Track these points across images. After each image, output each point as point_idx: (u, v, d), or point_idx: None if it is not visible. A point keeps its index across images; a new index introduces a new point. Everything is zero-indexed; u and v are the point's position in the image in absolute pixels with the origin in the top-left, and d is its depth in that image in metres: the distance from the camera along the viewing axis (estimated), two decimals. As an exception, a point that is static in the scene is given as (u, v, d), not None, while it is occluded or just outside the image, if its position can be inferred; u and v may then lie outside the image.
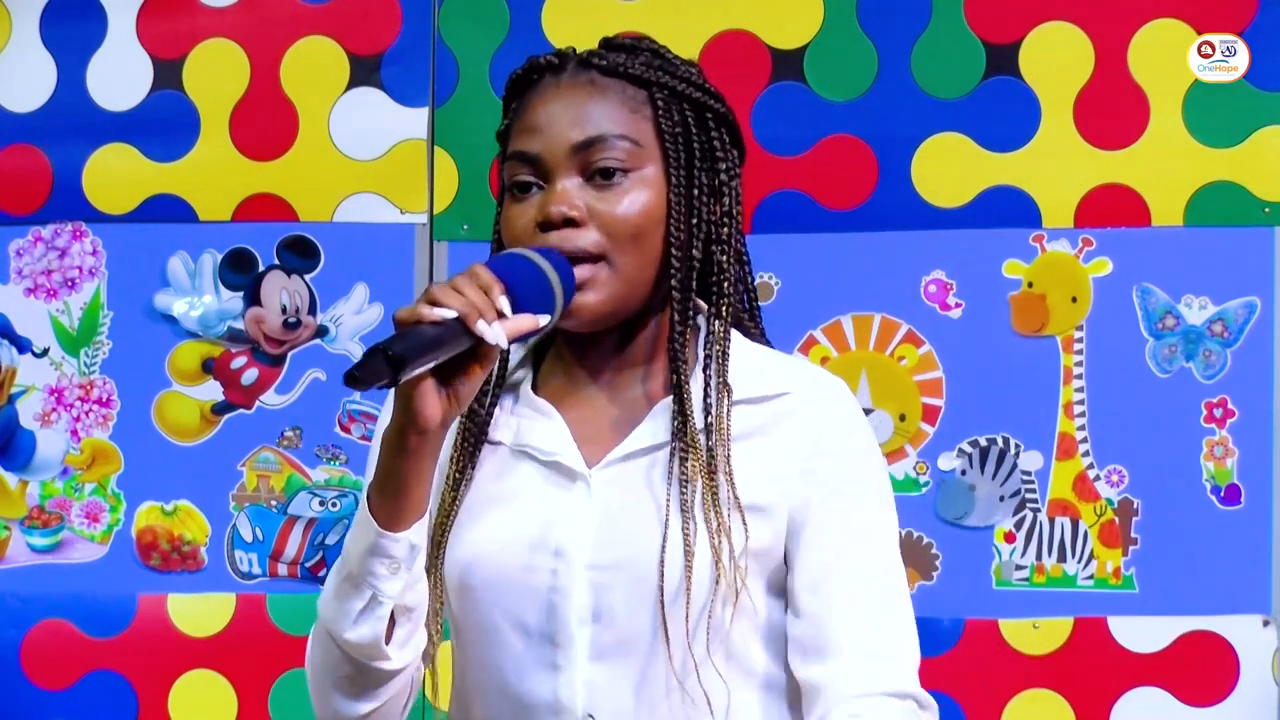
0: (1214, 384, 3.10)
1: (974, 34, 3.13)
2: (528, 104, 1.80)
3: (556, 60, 1.82)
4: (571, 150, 1.76)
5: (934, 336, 3.14)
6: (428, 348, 1.62)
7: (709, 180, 1.80)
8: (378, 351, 1.58)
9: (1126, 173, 3.11)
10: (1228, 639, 3.08)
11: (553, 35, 3.21)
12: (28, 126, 3.32)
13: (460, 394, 1.68)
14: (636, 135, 1.78)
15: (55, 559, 3.32)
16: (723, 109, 1.84)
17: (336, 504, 3.27)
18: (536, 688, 1.76)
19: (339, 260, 3.27)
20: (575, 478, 1.78)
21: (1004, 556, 3.13)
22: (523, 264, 1.71)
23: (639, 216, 1.76)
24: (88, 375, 3.31)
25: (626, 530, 1.75)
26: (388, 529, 1.70)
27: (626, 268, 1.76)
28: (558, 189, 1.76)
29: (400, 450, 1.68)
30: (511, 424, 1.82)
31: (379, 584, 1.71)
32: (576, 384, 1.83)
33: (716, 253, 1.81)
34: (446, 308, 1.64)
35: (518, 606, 1.76)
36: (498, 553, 1.77)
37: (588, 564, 1.75)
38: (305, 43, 3.27)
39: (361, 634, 1.73)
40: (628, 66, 1.80)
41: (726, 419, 1.77)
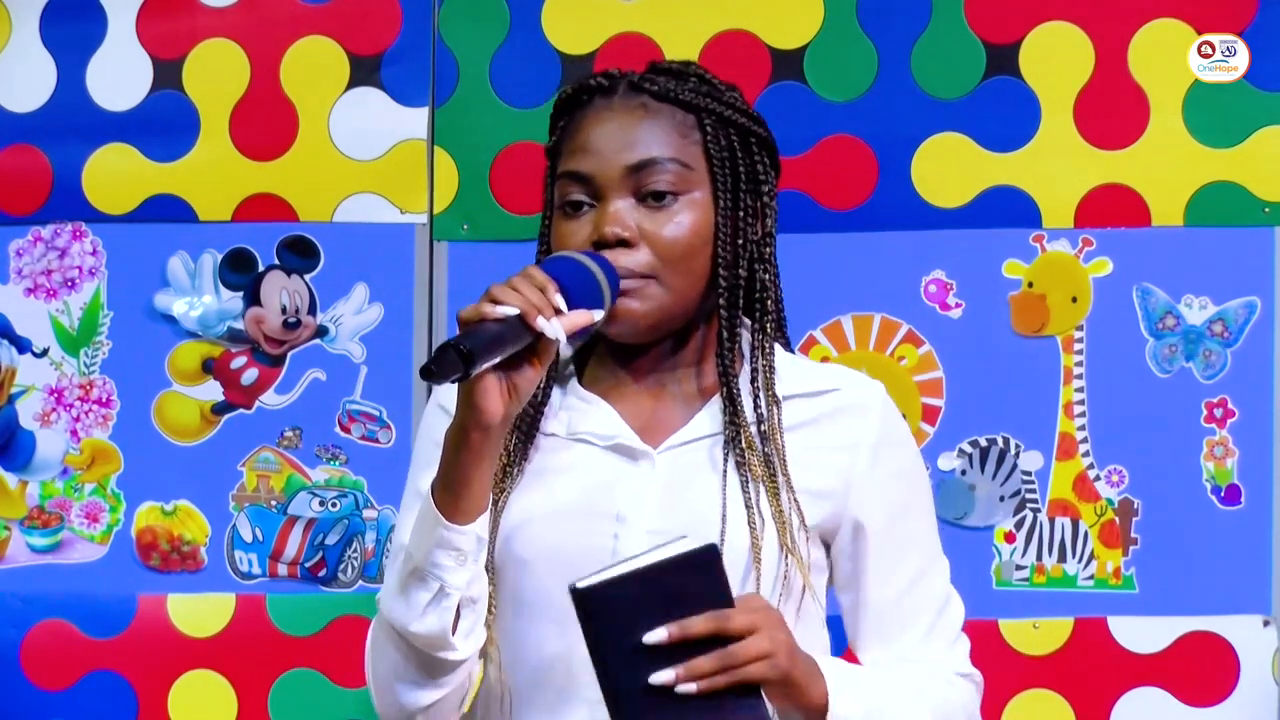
0: (1214, 384, 3.10)
1: (974, 34, 3.13)
2: (579, 124, 1.87)
3: (607, 83, 1.88)
4: (625, 172, 1.83)
5: (934, 336, 3.14)
6: (493, 343, 1.70)
7: (753, 202, 1.88)
8: (449, 347, 1.67)
9: (1126, 173, 3.11)
10: (1228, 639, 3.08)
11: (553, 35, 3.21)
12: (28, 126, 3.32)
13: (520, 390, 1.75)
14: (686, 159, 1.85)
15: (55, 559, 3.31)
16: (765, 133, 1.92)
17: (336, 504, 3.27)
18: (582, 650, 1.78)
19: (339, 260, 3.27)
20: (638, 457, 1.85)
21: (1004, 556, 3.13)
22: (571, 264, 1.78)
23: (689, 238, 1.84)
24: (88, 375, 3.31)
25: (689, 501, 1.82)
26: (454, 523, 1.77)
27: (675, 285, 1.83)
28: (610, 210, 1.83)
29: (464, 446, 1.75)
30: (563, 416, 1.89)
31: (446, 576, 1.77)
32: (622, 384, 1.90)
33: (759, 271, 1.89)
34: (507, 305, 1.71)
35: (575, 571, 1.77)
36: (554, 520, 1.84)
37: (649, 529, 1.81)
38: (305, 43, 3.27)
39: (429, 625, 1.78)
40: (678, 92, 1.86)
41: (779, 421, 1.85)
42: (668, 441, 1.85)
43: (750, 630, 1.68)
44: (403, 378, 3.25)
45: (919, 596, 1.90)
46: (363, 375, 3.27)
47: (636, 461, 1.85)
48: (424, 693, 1.83)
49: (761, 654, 1.68)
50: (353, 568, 3.26)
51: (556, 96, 1.91)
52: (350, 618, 3.24)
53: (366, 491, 3.26)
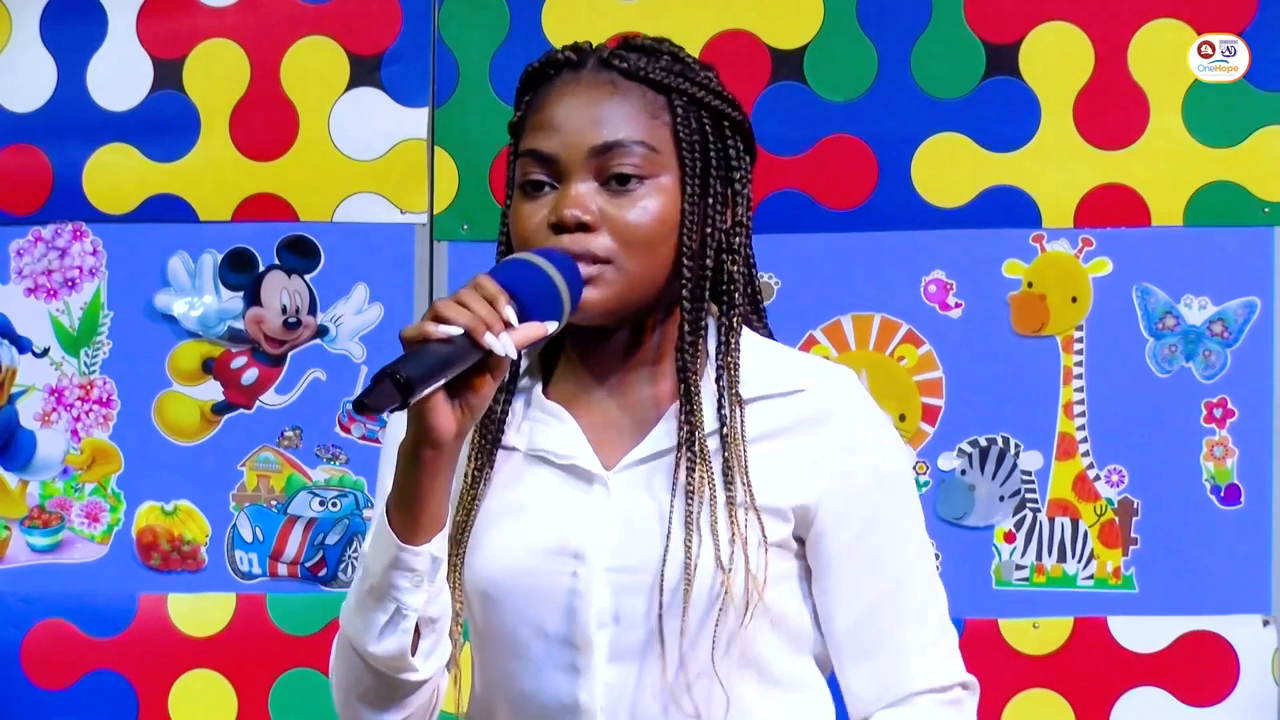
0: (1214, 384, 3.10)
1: (974, 34, 3.13)
2: (544, 99, 1.78)
3: (575, 56, 1.80)
4: (589, 153, 1.75)
5: (934, 336, 3.14)
6: (436, 367, 1.61)
7: (723, 189, 1.80)
8: (385, 376, 1.58)
9: (1126, 173, 3.11)
10: (1228, 639, 3.08)
11: (553, 35, 3.21)
12: (28, 126, 3.32)
13: (473, 406, 1.67)
14: (654, 142, 1.76)
15: (55, 559, 3.32)
16: (739, 116, 1.83)
17: (336, 504, 3.27)
18: (556, 691, 1.76)
19: (339, 260, 3.27)
20: (593, 480, 1.78)
21: (1004, 556, 3.13)
22: (528, 270, 1.70)
23: (652, 224, 1.75)
24: (88, 375, 3.31)
25: (645, 533, 1.75)
26: (408, 542, 1.70)
27: (635, 273, 1.75)
28: (572, 192, 1.74)
29: (416, 465, 1.68)
30: (525, 429, 1.82)
31: (402, 597, 1.71)
32: (586, 387, 1.82)
33: (727, 262, 1.80)
34: (452, 324, 1.63)
35: (537, 611, 1.76)
36: (517, 560, 1.77)
37: (608, 566, 1.75)
38: (305, 43, 3.27)
39: (387, 647, 1.73)
40: (649, 71, 1.78)
41: (740, 429, 1.77)
42: (623, 461, 1.78)
43: None
44: (403, 378, 3.25)
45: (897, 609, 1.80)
46: (363, 375, 3.27)
47: (591, 485, 1.78)
48: (386, 714, 1.78)
49: None
50: (353, 568, 3.26)
51: (524, 69, 1.83)
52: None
53: (367, 491, 3.26)
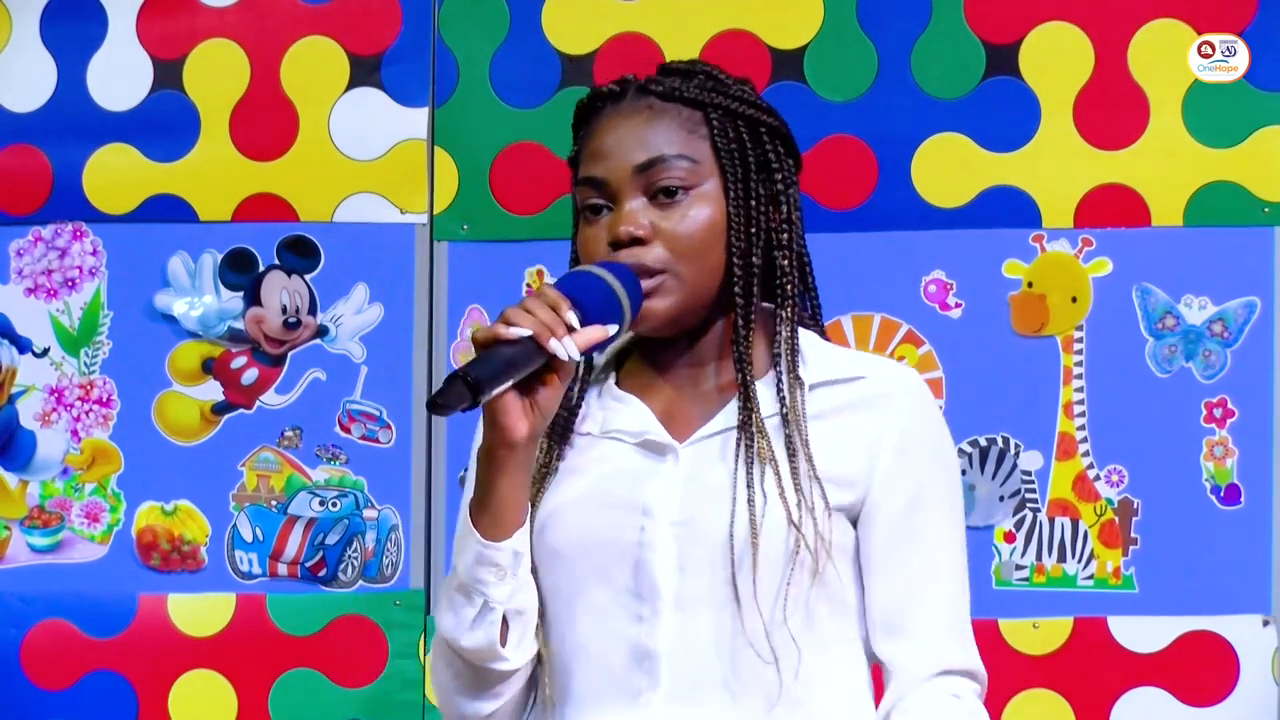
0: (1214, 384, 3.10)
1: (974, 34, 3.13)
2: (592, 131, 1.92)
3: (618, 89, 1.93)
4: (634, 172, 1.87)
5: (934, 336, 3.14)
6: (504, 368, 1.74)
7: (766, 190, 1.91)
8: (456, 377, 1.71)
9: (1126, 173, 3.11)
10: (1228, 639, 3.08)
11: (553, 35, 3.21)
12: (28, 126, 3.32)
13: (542, 406, 1.80)
14: (694, 154, 1.89)
15: (55, 559, 3.32)
16: (775, 122, 1.94)
17: (336, 504, 3.27)
18: (625, 639, 1.85)
19: (339, 260, 3.27)
20: (665, 451, 1.89)
21: (1004, 556, 3.13)
22: (588, 279, 1.82)
23: (701, 230, 1.87)
24: (88, 375, 3.31)
25: (710, 493, 1.86)
26: (491, 539, 1.82)
27: (691, 278, 1.87)
28: (624, 210, 1.87)
29: (493, 465, 1.81)
30: (598, 416, 1.93)
31: (488, 590, 1.83)
32: (654, 379, 1.94)
33: (779, 258, 1.92)
34: (519, 327, 1.75)
35: (606, 564, 1.86)
36: (586, 515, 1.88)
37: (674, 520, 1.85)
38: (305, 43, 3.27)
39: (477, 639, 1.84)
40: (683, 90, 1.91)
41: (801, 407, 1.88)
42: (692, 436, 1.90)
43: None
44: (403, 378, 3.25)
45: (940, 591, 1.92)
46: (363, 375, 3.27)
47: (663, 457, 1.89)
48: (482, 703, 1.88)
49: None
50: (353, 567, 3.26)
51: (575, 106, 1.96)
52: (350, 617, 3.24)
53: (366, 491, 3.26)
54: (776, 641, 1.84)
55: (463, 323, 3.24)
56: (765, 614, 1.83)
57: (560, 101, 3.21)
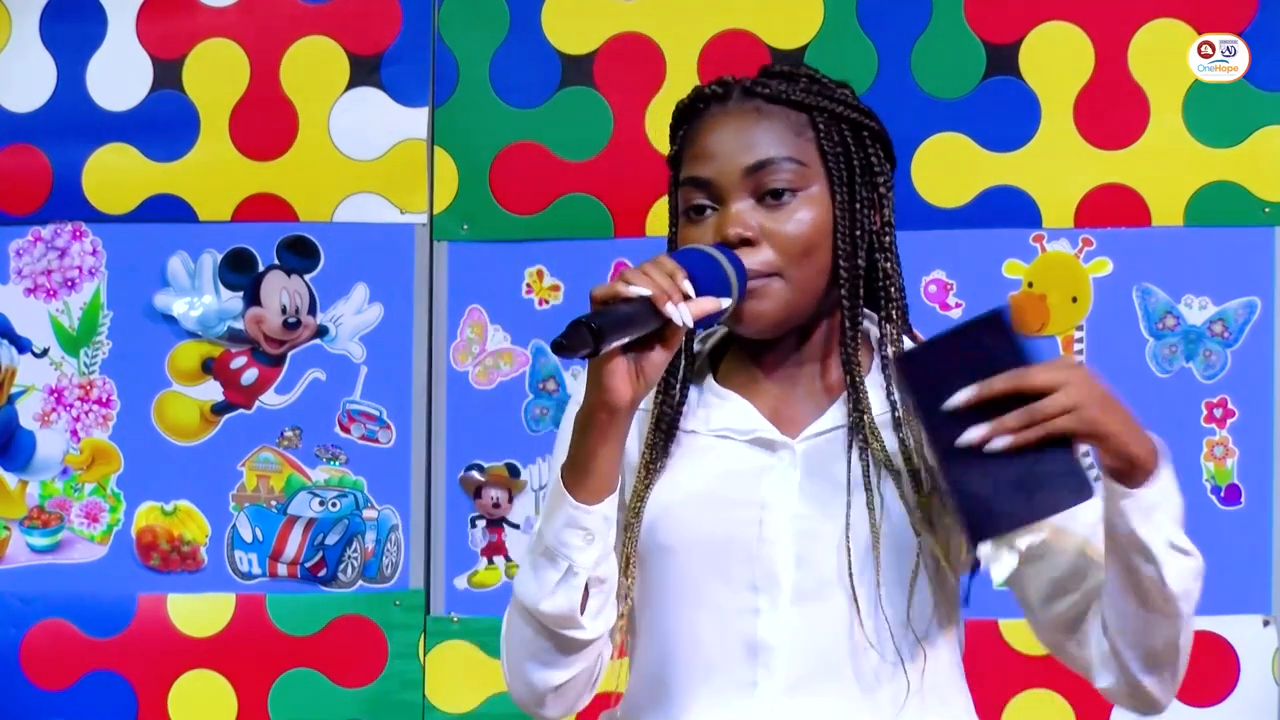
0: (1214, 384, 3.10)
1: (974, 34, 3.14)
2: (697, 131, 1.93)
3: (721, 90, 1.94)
4: (743, 174, 1.88)
5: (934, 336, 3.14)
6: (622, 323, 1.75)
7: (869, 193, 1.93)
8: (580, 323, 1.72)
9: (1126, 173, 3.11)
10: (1228, 639, 3.08)
11: (553, 35, 3.21)
12: (28, 126, 3.32)
13: (647, 373, 1.81)
14: (801, 156, 1.90)
15: (55, 559, 3.32)
16: (877, 126, 1.96)
17: (336, 504, 3.27)
18: (740, 633, 1.87)
19: (339, 260, 3.27)
20: (776, 448, 1.90)
21: (1004, 556, 3.13)
22: (699, 255, 1.83)
23: (808, 233, 1.88)
24: (88, 375, 3.31)
25: (828, 488, 1.88)
26: (582, 502, 1.83)
27: (798, 280, 1.88)
28: (732, 211, 1.88)
29: (591, 426, 1.81)
30: (701, 414, 1.94)
31: (574, 555, 1.83)
32: (756, 379, 1.95)
33: (881, 260, 1.94)
34: (638, 286, 1.77)
35: (722, 558, 1.87)
36: (701, 510, 1.89)
37: (792, 514, 1.87)
38: (305, 43, 3.27)
39: (558, 604, 1.84)
40: (789, 93, 1.92)
41: None
42: (804, 433, 1.91)
43: (1053, 386, 1.76)
44: (403, 378, 3.25)
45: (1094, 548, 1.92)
46: (363, 375, 3.27)
47: (775, 452, 1.90)
48: (554, 672, 1.88)
49: (1064, 408, 1.76)
50: (353, 568, 3.26)
51: (675, 106, 1.97)
52: (350, 617, 3.24)
53: (366, 491, 3.26)
54: (901, 642, 1.87)
55: (463, 322, 3.24)
56: (887, 615, 1.86)
57: (560, 101, 3.21)
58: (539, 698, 1.90)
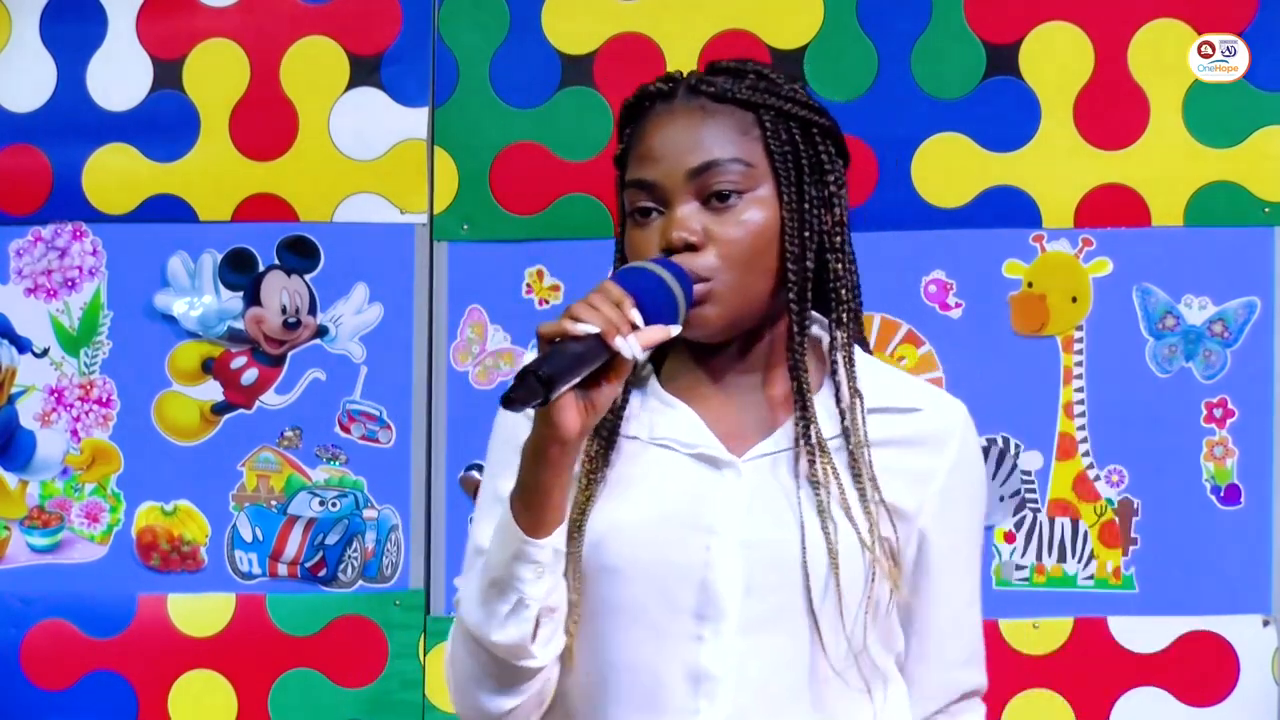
0: (1214, 384, 3.10)
1: (974, 34, 3.14)
2: (641, 131, 1.89)
3: (666, 87, 1.90)
4: (687, 176, 1.84)
5: (934, 336, 3.14)
6: (572, 364, 1.71)
7: (819, 192, 1.88)
8: (529, 373, 1.68)
9: (1126, 173, 3.11)
10: (1228, 639, 3.08)
11: (553, 35, 3.21)
12: (28, 126, 3.32)
13: (597, 405, 1.76)
14: (748, 157, 1.85)
15: (55, 559, 3.32)
16: (827, 122, 1.91)
17: (336, 504, 3.27)
18: (683, 661, 1.83)
19: (339, 260, 3.27)
20: (721, 465, 1.86)
21: (1004, 556, 3.13)
22: (647, 277, 1.79)
23: (755, 236, 1.84)
24: (88, 375, 3.31)
25: (776, 513, 1.84)
26: (532, 536, 1.78)
27: (744, 285, 1.84)
28: (677, 215, 1.83)
29: (543, 462, 1.77)
30: (645, 419, 1.89)
31: (525, 588, 1.79)
32: (702, 384, 1.90)
33: (832, 261, 1.89)
34: (587, 324, 1.72)
35: (668, 583, 1.83)
36: (649, 534, 1.85)
37: (741, 541, 1.83)
38: (305, 43, 3.27)
39: (509, 635, 1.80)
40: (735, 91, 1.87)
41: (863, 424, 1.86)
42: (751, 452, 1.86)
43: None
44: (403, 378, 3.25)
45: (970, 619, 1.94)
46: (363, 375, 3.27)
47: (720, 470, 1.86)
48: (504, 699, 1.84)
49: None
50: (353, 568, 3.26)
51: (621, 104, 1.93)
52: (350, 618, 3.24)
53: (366, 491, 3.26)
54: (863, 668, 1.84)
55: (463, 322, 3.24)
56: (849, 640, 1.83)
57: (560, 101, 3.21)
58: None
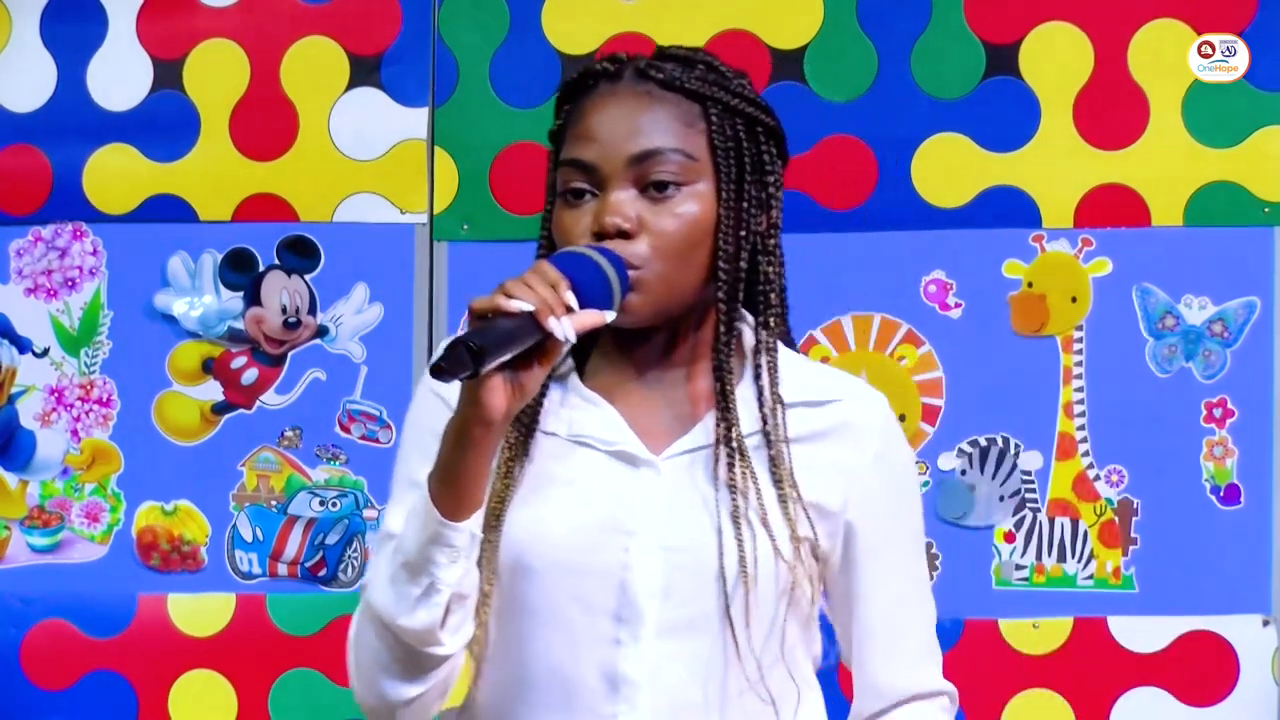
0: (1214, 384, 3.10)
1: (974, 34, 3.14)
2: (583, 110, 1.84)
3: (613, 68, 1.85)
4: (628, 162, 1.80)
5: (934, 336, 3.14)
6: (503, 341, 1.67)
7: (758, 193, 1.85)
8: (460, 344, 1.64)
9: (1126, 173, 3.11)
10: (1228, 639, 3.08)
11: (552, 35, 3.21)
12: (28, 126, 3.32)
13: (524, 387, 1.72)
14: (691, 149, 1.81)
15: (55, 559, 3.32)
16: (772, 122, 1.88)
17: (336, 504, 3.27)
18: (598, 664, 1.80)
19: (339, 260, 3.27)
20: (639, 464, 1.83)
21: (1004, 556, 3.13)
22: (584, 261, 1.75)
23: (689, 230, 1.80)
24: (88, 375, 3.32)
25: (694, 517, 1.81)
26: (450, 519, 1.74)
27: (673, 278, 1.80)
28: (611, 200, 1.80)
29: (466, 443, 1.73)
30: (563, 415, 1.86)
31: (438, 572, 1.75)
32: (623, 380, 1.87)
33: (763, 263, 1.86)
34: (521, 300, 1.69)
35: (585, 585, 1.80)
36: (566, 535, 1.82)
37: (660, 544, 1.80)
38: (305, 43, 3.27)
39: (419, 620, 1.77)
40: (684, 80, 1.83)
41: (783, 427, 1.83)
42: (669, 450, 1.83)
43: None
44: (403, 378, 3.25)
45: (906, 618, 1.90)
46: (363, 375, 3.27)
47: (639, 469, 1.83)
48: (408, 686, 1.81)
49: None
50: (353, 568, 3.26)
51: (562, 80, 1.88)
52: (350, 617, 3.23)
53: (366, 491, 3.26)
54: (779, 677, 1.82)
55: (462, 322, 3.24)
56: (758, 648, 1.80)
57: (560, 101, 3.21)
58: (390, 710, 1.82)
